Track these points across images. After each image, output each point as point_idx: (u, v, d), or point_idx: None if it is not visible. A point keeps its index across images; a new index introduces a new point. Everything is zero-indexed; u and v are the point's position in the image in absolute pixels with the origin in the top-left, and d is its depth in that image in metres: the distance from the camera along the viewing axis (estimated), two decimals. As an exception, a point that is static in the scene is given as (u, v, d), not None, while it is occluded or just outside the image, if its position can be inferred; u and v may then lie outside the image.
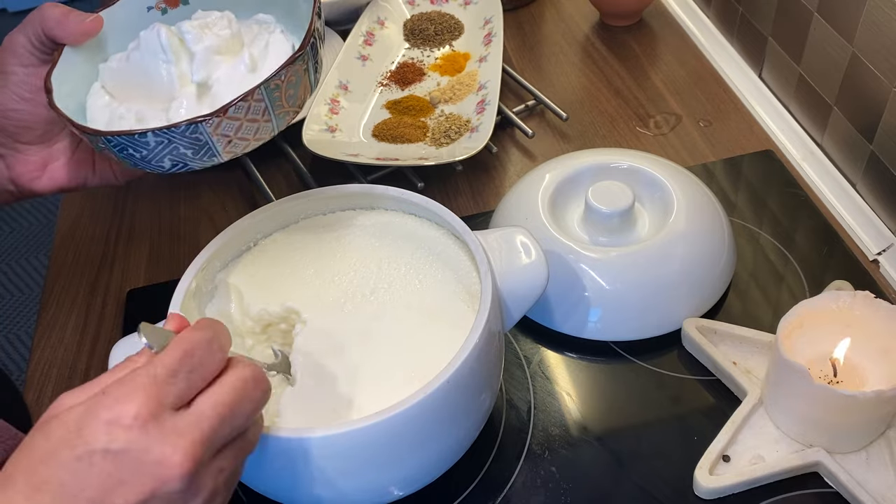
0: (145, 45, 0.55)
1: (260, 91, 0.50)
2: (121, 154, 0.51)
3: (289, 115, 0.53)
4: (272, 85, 0.50)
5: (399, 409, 0.46)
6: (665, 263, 0.64)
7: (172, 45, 0.54)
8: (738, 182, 0.78)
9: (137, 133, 0.49)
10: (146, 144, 0.49)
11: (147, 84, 0.55)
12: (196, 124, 0.49)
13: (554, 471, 0.58)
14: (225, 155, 0.52)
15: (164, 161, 0.51)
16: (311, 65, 0.53)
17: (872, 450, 0.56)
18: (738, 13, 0.92)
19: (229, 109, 0.49)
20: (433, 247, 0.60)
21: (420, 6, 0.97)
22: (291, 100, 0.52)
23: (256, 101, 0.50)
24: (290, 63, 0.51)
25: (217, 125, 0.49)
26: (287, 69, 0.51)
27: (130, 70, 0.55)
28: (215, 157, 0.51)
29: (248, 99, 0.49)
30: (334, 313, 0.57)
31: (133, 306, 0.73)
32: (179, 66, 0.54)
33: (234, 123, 0.50)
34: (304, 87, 0.53)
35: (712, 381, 0.62)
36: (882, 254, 0.72)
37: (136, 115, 0.54)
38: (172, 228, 0.81)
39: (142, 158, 0.51)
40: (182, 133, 0.49)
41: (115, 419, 0.36)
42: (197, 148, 0.50)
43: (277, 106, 0.52)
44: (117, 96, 0.56)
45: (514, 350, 0.66)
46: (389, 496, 0.53)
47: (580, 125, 0.87)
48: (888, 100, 0.70)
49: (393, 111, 0.86)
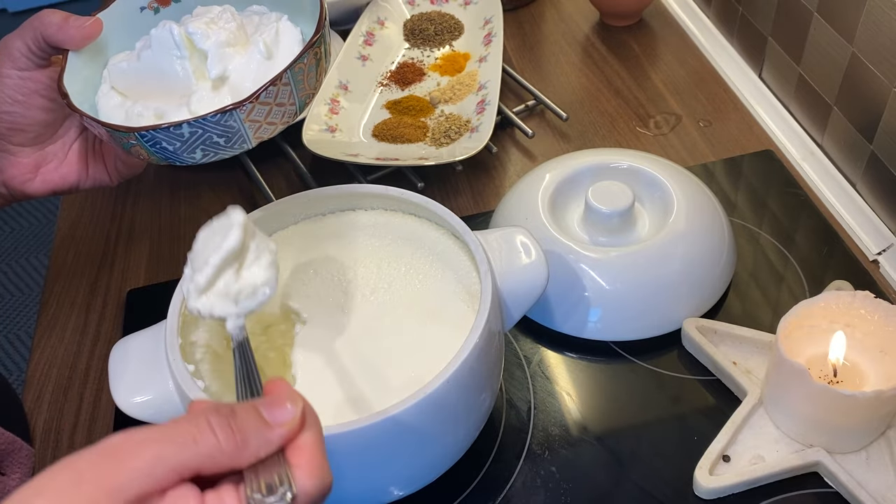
0: (157, 43, 0.55)
1: (287, 75, 0.51)
2: (153, 148, 0.51)
3: (309, 99, 0.55)
4: (296, 68, 0.52)
5: (399, 409, 0.46)
6: (665, 263, 0.64)
7: (186, 41, 0.55)
8: (738, 182, 0.78)
9: (172, 126, 0.50)
10: (181, 136, 0.50)
11: (162, 81, 0.56)
12: (230, 112, 0.50)
13: (554, 471, 0.58)
14: (254, 140, 0.53)
15: (196, 152, 0.52)
16: (324, 48, 0.55)
17: (872, 450, 0.56)
18: (738, 13, 0.92)
19: (261, 95, 0.50)
20: (433, 247, 0.60)
21: (420, 6, 0.97)
22: (311, 81, 0.54)
23: (284, 85, 0.51)
24: (310, 46, 0.52)
25: (250, 111, 0.51)
26: (308, 52, 0.52)
27: (143, 69, 0.56)
28: (245, 144, 0.53)
29: (276, 83, 0.51)
30: (334, 313, 0.57)
31: (133, 306, 0.73)
32: (193, 60, 0.55)
33: (265, 108, 0.51)
34: (321, 69, 0.55)
35: (712, 381, 0.62)
36: (882, 254, 0.72)
37: (155, 111, 0.55)
38: (172, 228, 0.81)
39: (174, 151, 0.52)
40: (217, 122, 0.50)
41: None
42: (229, 136, 0.51)
43: (301, 89, 0.53)
44: (130, 95, 0.57)
45: (514, 350, 0.66)
46: (389, 496, 0.53)
47: (580, 125, 0.87)
48: (888, 100, 0.70)
49: (393, 111, 0.86)
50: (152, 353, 0.52)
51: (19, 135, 0.57)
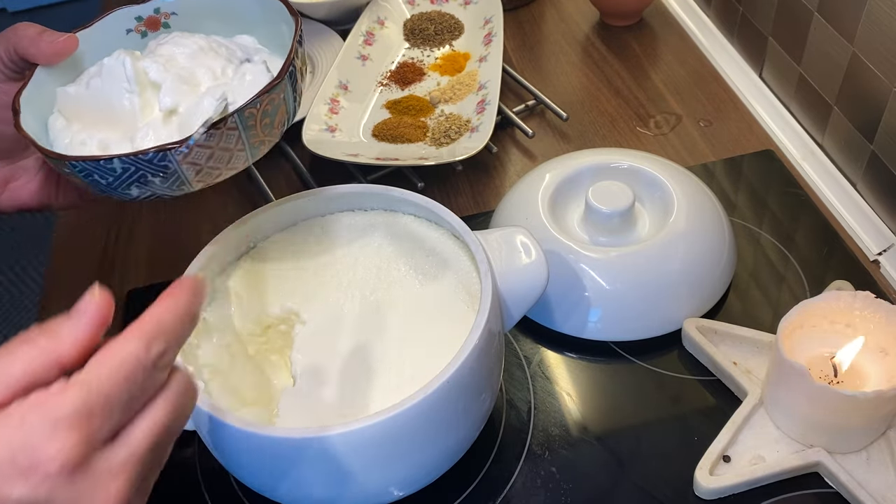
0: (108, 73, 0.53)
1: (234, 119, 0.48)
2: (86, 179, 0.49)
3: (264, 145, 0.51)
4: (246, 113, 0.48)
5: (399, 409, 0.46)
6: (665, 263, 0.64)
7: (138, 75, 0.52)
8: (738, 182, 0.78)
9: (103, 159, 0.47)
10: (112, 171, 0.47)
11: (108, 112, 0.53)
12: (164, 152, 0.47)
13: (554, 471, 0.58)
14: (195, 184, 0.50)
15: (131, 189, 0.49)
16: (289, 93, 0.51)
17: (873, 450, 0.56)
18: (738, 13, 0.92)
19: (200, 138, 0.47)
20: (433, 247, 0.59)
21: (420, 6, 0.97)
22: (267, 128, 0.51)
23: (230, 129, 0.48)
24: (267, 91, 0.49)
25: (187, 154, 0.47)
26: (263, 97, 0.49)
27: (90, 97, 0.53)
28: (185, 186, 0.49)
29: (220, 127, 0.47)
30: (334, 314, 0.57)
31: (133, 306, 0.73)
32: (144, 95, 0.52)
33: (206, 152, 0.48)
34: (282, 115, 0.51)
35: (712, 381, 0.62)
36: (882, 254, 0.72)
37: (99, 142, 0.52)
38: (172, 229, 0.81)
39: (108, 185, 0.49)
40: (150, 161, 0.47)
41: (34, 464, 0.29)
42: (165, 176, 0.48)
43: (252, 135, 0.50)
44: (74, 121, 0.54)
45: (514, 350, 0.66)
46: (389, 496, 0.53)
47: (580, 125, 0.87)
48: (888, 100, 0.70)
49: (393, 111, 0.86)
50: (152, 353, 0.52)
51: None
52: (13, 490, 0.29)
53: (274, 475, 0.50)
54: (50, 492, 0.30)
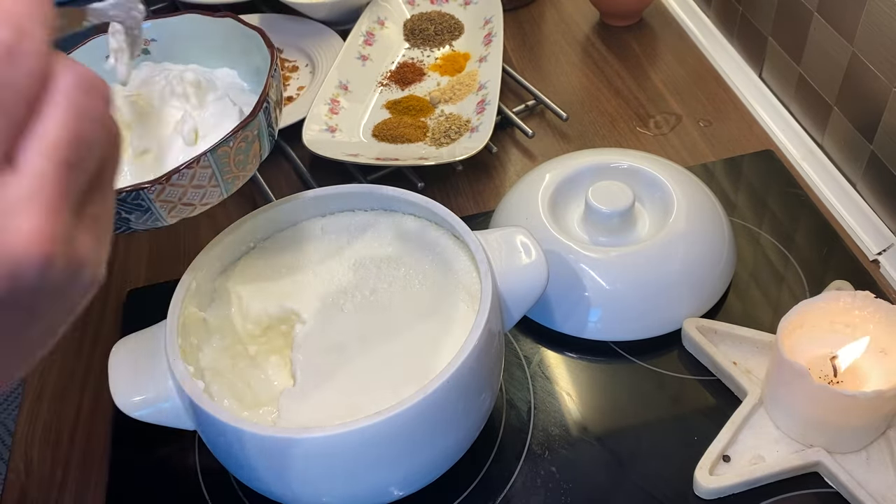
0: None
1: (206, 158, 0.48)
2: None
3: (238, 180, 0.52)
4: (219, 152, 0.49)
5: (399, 409, 0.47)
6: (665, 263, 0.64)
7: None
8: (738, 182, 0.78)
9: None
10: None
11: None
12: (137, 191, 0.47)
13: (554, 471, 0.58)
14: (170, 219, 0.50)
15: None
16: (263, 127, 0.51)
17: (873, 450, 0.56)
18: (738, 13, 0.92)
19: (172, 177, 0.48)
20: (433, 247, 0.59)
21: (420, 6, 0.97)
22: (241, 165, 0.51)
23: (203, 167, 0.49)
24: (240, 129, 0.49)
25: (160, 192, 0.48)
26: (236, 135, 0.49)
27: None
28: (160, 222, 0.50)
29: (192, 166, 0.48)
30: (334, 314, 0.57)
31: (133, 306, 0.73)
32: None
33: (178, 190, 0.49)
34: (255, 151, 0.52)
35: (712, 381, 0.62)
36: (882, 254, 0.72)
37: None
38: (172, 228, 0.81)
39: None
40: (123, 200, 0.48)
41: None
42: (140, 213, 0.49)
43: (225, 171, 0.50)
44: None
45: (514, 350, 0.66)
46: (389, 496, 0.53)
47: (580, 125, 0.87)
48: (888, 100, 0.70)
49: (393, 111, 0.86)
50: (152, 353, 0.52)
51: None
52: None
53: (274, 475, 0.50)
54: None
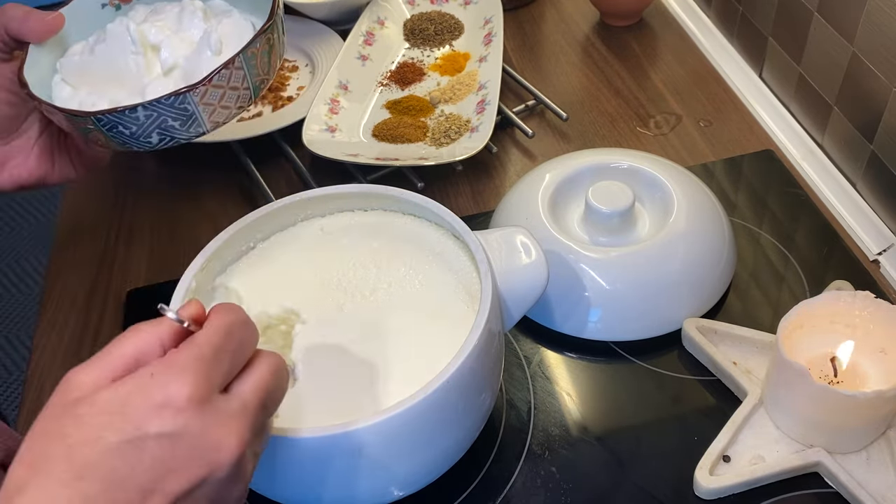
0: (112, 38, 0.57)
1: (239, 59, 0.53)
2: (110, 133, 0.53)
3: (263, 84, 0.57)
4: (249, 53, 0.54)
5: (399, 409, 0.46)
6: (665, 263, 0.64)
7: (140, 38, 0.57)
8: (738, 182, 0.78)
9: (127, 109, 0.51)
10: (136, 119, 0.52)
11: (115, 74, 0.57)
12: (184, 94, 0.52)
13: (554, 471, 0.58)
14: (209, 124, 0.55)
15: (153, 135, 0.53)
16: (279, 33, 0.56)
17: (873, 450, 0.56)
18: (738, 13, 0.92)
19: (213, 78, 0.52)
20: (433, 247, 0.59)
21: (420, 6, 0.97)
22: (264, 66, 0.56)
23: (237, 68, 0.53)
24: (262, 32, 0.54)
25: (203, 94, 0.52)
26: (260, 38, 0.54)
27: (95, 62, 0.58)
28: (200, 127, 0.55)
29: (229, 67, 0.53)
30: (334, 314, 0.57)
31: (133, 306, 0.73)
32: (146, 55, 0.57)
33: (218, 92, 0.53)
34: (275, 54, 0.57)
35: (712, 381, 0.62)
36: (882, 254, 0.72)
37: (110, 101, 0.56)
38: (172, 228, 0.81)
39: (131, 135, 0.53)
40: (170, 104, 0.52)
41: (167, 401, 0.35)
42: (184, 119, 0.53)
43: (254, 73, 0.55)
44: (81, 87, 0.58)
45: (514, 350, 0.66)
46: (389, 496, 0.53)
47: (580, 125, 0.87)
48: (888, 100, 0.70)
49: (393, 111, 0.86)
50: (152, 353, 0.52)
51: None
52: (151, 426, 0.34)
53: (274, 475, 0.50)
54: (183, 424, 0.35)
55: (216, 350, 0.37)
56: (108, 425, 0.34)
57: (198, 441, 0.35)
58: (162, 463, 0.34)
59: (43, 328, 0.73)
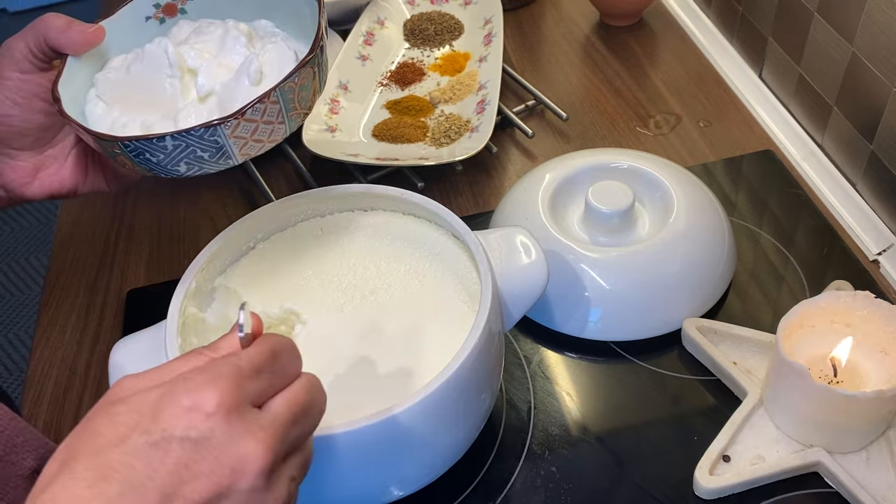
0: (150, 58, 0.55)
1: (276, 93, 0.51)
2: (136, 159, 0.51)
3: (300, 118, 0.54)
4: (286, 87, 0.51)
5: (399, 409, 0.47)
6: (665, 263, 0.64)
7: (179, 60, 0.55)
8: (738, 182, 0.78)
9: (155, 137, 0.49)
10: (164, 148, 0.50)
11: (149, 96, 0.55)
12: (214, 127, 0.49)
13: (554, 471, 0.58)
14: (240, 157, 0.52)
15: (180, 165, 0.51)
16: (319, 66, 0.54)
17: (873, 450, 0.56)
18: (738, 13, 0.92)
19: (247, 112, 0.50)
20: (433, 247, 0.59)
21: (420, 6, 0.97)
22: (303, 101, 0.54)
23: (272, 103, 0.51)
24: (303, 65, 0.52)
25: (235, 127, 0.50)
26: (300, 71, 0.52)
27: (131, 81, 0.56)
28: (230, 160, 0.52)
29: (264, 101, 0.50)
30: (334, 314, 0.57)
31: (133, 306, 0.73)
32: (183, 79, 0.55)
33: (251, 126, 0.51)
34: (314, 88, 0.55)
35: (712, 381, 0.62)
36: (882, 254, 0.72)
37: (142, 124, 0.55)
38: (172, 229, 0.81)
39: (157, 163, 0.51)
40: (200, 136, 0.50)
41: (196, 405, 0.35)
42: (214, 151, 0.51)
43: (291, 108, 0.53)
44: (114, 105, 0.57)
45: (514, 350, 0.66)
46: (389, 496, 0.53)
47: (580, 125, 0.87)
48: (888, 100, 0.70)
49: (393, 111, 0.86)
50: (152, 353, 0.52)
51: (19, 139, 0.57)
52: (177, 428, 0.34)
53: (274, 475, 0.50)
54: (209, 429, 0.34)
55: (256, 366, 0.37)
56: (136, 425, 0.34)
57: (223, 448, 0.35)
58: (185, 467, 0.34)
59: (43, 328, 0.74)
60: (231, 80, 0.54)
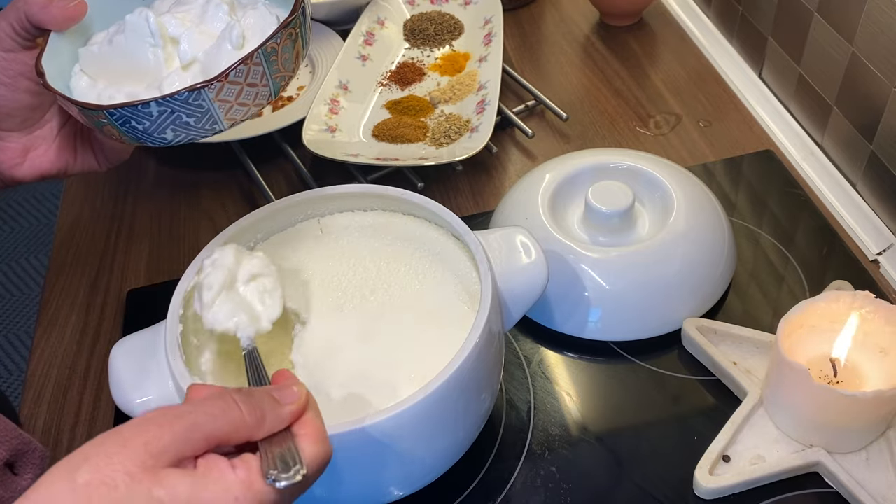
0: (131, 29, 0.56)
1: (258, 55, 0.51)
2: (123, 128, 0.51)
3: (284, 80, 0.55)
4: (269, 48, 0.52)
5: (399, 409, 0.46)
6: (665, 263, 0.64)
7: (160, 29, 0.55)
8: (738, 182, 0.78)
9: (140, 103, 0.50)
10: (149, 115, 0.50)
11: (133, 66, 0.56)
12: (198, 90, 0.50)
13: (554, 471, 0.58)
14: (226, 122, 0.53)
15: (167, 132, 0.52)
16: (302, 29, 0.54)
17: (872, 450, 0.56)
18: (738, 13, 0.92)
19: (230, 74, 0.50)
20: (433, 247, 0.59)
21: (420, 6, 0.97)
22: (286, 64, 0.54)
23: (255, 65, 0.51)
24: (285, 26, 0.52)
25: (219, 90, 0.50)
26: (282, 32, 0.52)
27: (114, 53, 0.56)
28: (217, 125, 0.53)
29: (247, 63, 0.51)
30: (334, 314, 0.57)
31: (133, 306, 0.73)
32: (166, 48, 0.55)
33: (235, 88, 0.51)
34: (297, 51, 0.55)
35: (712, 381, 0.62)
36: (882, 254, 0.72)
37: (127, 95, 0.55)
38: (172, 228, 0.81)
39: (144, 130, 0.51)
40: (185, 101, 0.50)
41: None
42: (199, 115, 0.51)
43: (274, 70, 0.53)
44: (99, 79, 0.57)
45: (514, 350, 0.66)
46: (389, 496, 0.53)
47: (580, 125, 0.87)
48: (888, 100, 0.70)
49: (393, 111, 0.86)
50: (152, 353, 0.52)
51: (6, 119, 0.57)
52: None
53: (274, 475, 0.50)
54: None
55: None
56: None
57: None
58: None
59: (43, 328, 0.74)
60: (213, 47, 0.55)
